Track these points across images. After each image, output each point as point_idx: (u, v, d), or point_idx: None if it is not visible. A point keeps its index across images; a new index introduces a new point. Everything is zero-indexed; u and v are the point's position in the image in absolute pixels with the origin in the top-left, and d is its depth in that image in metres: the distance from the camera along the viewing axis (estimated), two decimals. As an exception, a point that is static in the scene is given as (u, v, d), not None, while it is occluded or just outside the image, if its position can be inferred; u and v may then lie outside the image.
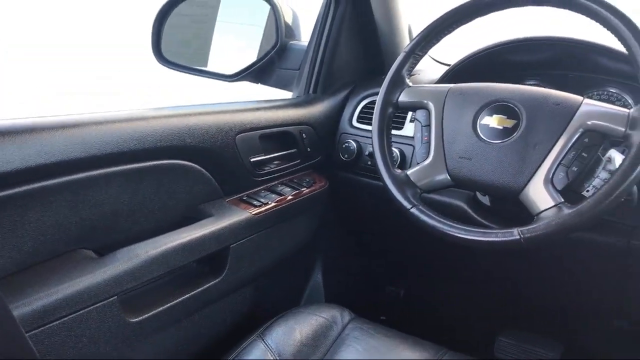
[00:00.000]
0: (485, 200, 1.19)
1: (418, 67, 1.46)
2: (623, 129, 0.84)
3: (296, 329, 1.06)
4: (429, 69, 1.48)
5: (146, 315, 0.93)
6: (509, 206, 0.99)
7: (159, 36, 1.47)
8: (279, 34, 1.45)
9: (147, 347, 0.96)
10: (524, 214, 0.92)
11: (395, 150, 1.27)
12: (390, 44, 1.48)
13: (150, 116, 0.99)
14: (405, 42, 1.51)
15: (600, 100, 1.18)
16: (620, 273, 1.18)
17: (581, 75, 1.21)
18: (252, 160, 1.18)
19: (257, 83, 1.53)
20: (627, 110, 0.85)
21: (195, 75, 1.52)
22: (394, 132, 1.29)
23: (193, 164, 1.06)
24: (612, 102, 1.17)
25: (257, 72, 1.50)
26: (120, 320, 0.88)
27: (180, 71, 1.51)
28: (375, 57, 1.50)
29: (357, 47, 1.47)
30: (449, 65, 1.32)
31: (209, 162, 1.09)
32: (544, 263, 1.32)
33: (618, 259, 1.11)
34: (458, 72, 1.27)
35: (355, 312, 1.16)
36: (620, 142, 0.86)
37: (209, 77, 1.53)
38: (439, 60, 1.59)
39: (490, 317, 1.67)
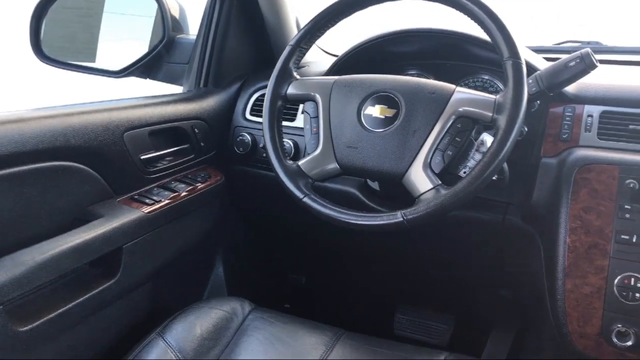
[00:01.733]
0: (375, 186, 1.25)
1: (309, 59, 1.50)
2: (490, 114, 0.91)
3: (196, 324, 1.06)
4: (320, 60, 1.51)
5: (37, 323, 0.90)
6: (396, 190, 1.05)
7: (37, 32, 1.40)
8: (166, 28, 1.43)
9: (41, 355, 0.93)
10: (408, 197, 0.97)
11: (289, 142, 1.30)
12: (279, 37, 1.50)
13: (31, 117, 0.95)
14: (293, 35, 1.54)
15: (475, 87, 1.27)
16: (499, 246, 1.27)
17: (457, 64, 1.29)
18: (143, 157, 1.16)
19: (146, 78, 1.50)
20: (494, 97, 0.92)
21: (80, 72, 1.47)
22: (286, 124, 1.32)
23: (79, 165, 1.03)
24: (486, 89, 1.26)
25: (144, 68, 1.47)
26: (7, 330, 0.85)
27: (64, 68, 1.45)
28: (265, 49, 1.52)
29: (246, 40, 1.48)
30: (337, 56, 1.36)
31: (96, 162, 1.06)
32: (434, 241, 1.40)
33: (496, 234, 1.20)
34: (345, 64, 1.31)
35: (259, 303, 1.18)
36: (490, 125, 0.93)
37: (94, 74, 1.48)
38: (329, 52, 1.63)
39: (389, 296, 1.75)
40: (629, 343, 0.94)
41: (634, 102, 1.07)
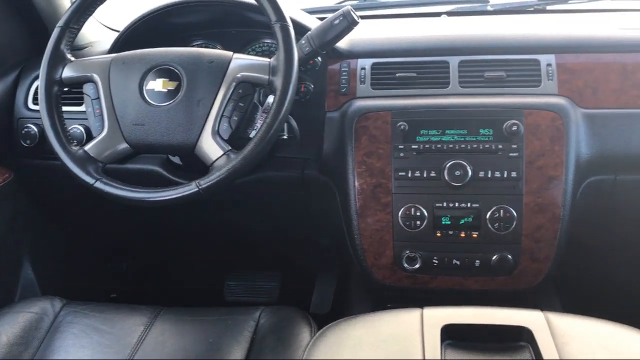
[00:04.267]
0: (177, 160, 1.25)
1: (93, 38, 1.43)
2: (267, 77, 0.96)
3: (1, 332, 1.00)
4: (105, 39, 1.45)
5: None
6: (198, 162, 1.06)
7: None
8: None
9: None
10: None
11: (79, 128, 1.24)
12: (53, 18, 1.40)
13: None
14: None
15: (261, 52, 1.30)
16: (305, 200, 1.35)
17: (242, 31, 1.31)
18: None
19: None
20: (268, 60, 0.97)
21: None
22: (73, 109, 1.25)
23: None
24: (272, 52, 1.30)
25: None
26: None
27: None
28: (42, 33, 1.41)
29: (16, 25, 1.36)
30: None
31: None
32: (247, 205, 1.44)
33: (299, 189, 1.27)
34: (129, 40, 1.27)
35: (80, 298, 1.13)
36: (269, 88, 0.98)
37: None
38: (113, 28, 1.56)
39: (217, 266, 1.77)
40: (417, 266, 1.07)
41: (398, 52, 1.18)
